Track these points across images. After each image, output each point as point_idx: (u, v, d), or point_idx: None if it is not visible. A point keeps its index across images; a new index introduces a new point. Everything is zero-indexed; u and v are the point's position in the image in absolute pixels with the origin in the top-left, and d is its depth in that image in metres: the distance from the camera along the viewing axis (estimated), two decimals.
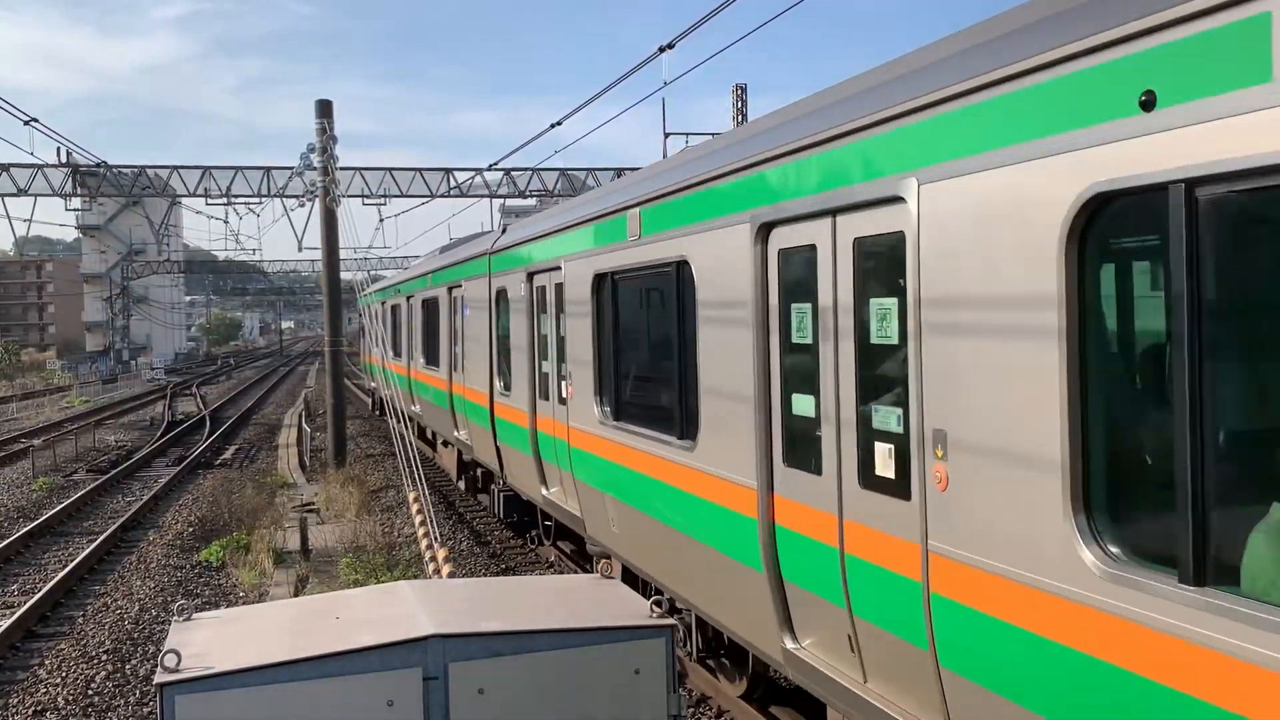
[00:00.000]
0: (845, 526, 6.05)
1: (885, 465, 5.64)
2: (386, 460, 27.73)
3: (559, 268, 11.65)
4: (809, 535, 6.43)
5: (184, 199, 53.27)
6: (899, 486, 5.50)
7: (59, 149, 45.14)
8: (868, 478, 5.81)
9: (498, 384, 15.14)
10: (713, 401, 7.64)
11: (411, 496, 17.87)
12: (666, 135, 29.84)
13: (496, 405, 15.14)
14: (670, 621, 5.04)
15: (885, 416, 5.63)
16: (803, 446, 6.49)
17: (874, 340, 5.74)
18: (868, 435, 5.81)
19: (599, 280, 10.18)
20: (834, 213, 6.02)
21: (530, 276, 13.08)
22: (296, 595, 14.04)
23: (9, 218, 54.42)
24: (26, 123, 28.17)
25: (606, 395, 10.20)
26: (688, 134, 30.37)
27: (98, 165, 45.11)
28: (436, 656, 4.59)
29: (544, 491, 13.00)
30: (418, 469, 17.50)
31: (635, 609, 5.22)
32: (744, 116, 30.17)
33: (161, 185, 50.39)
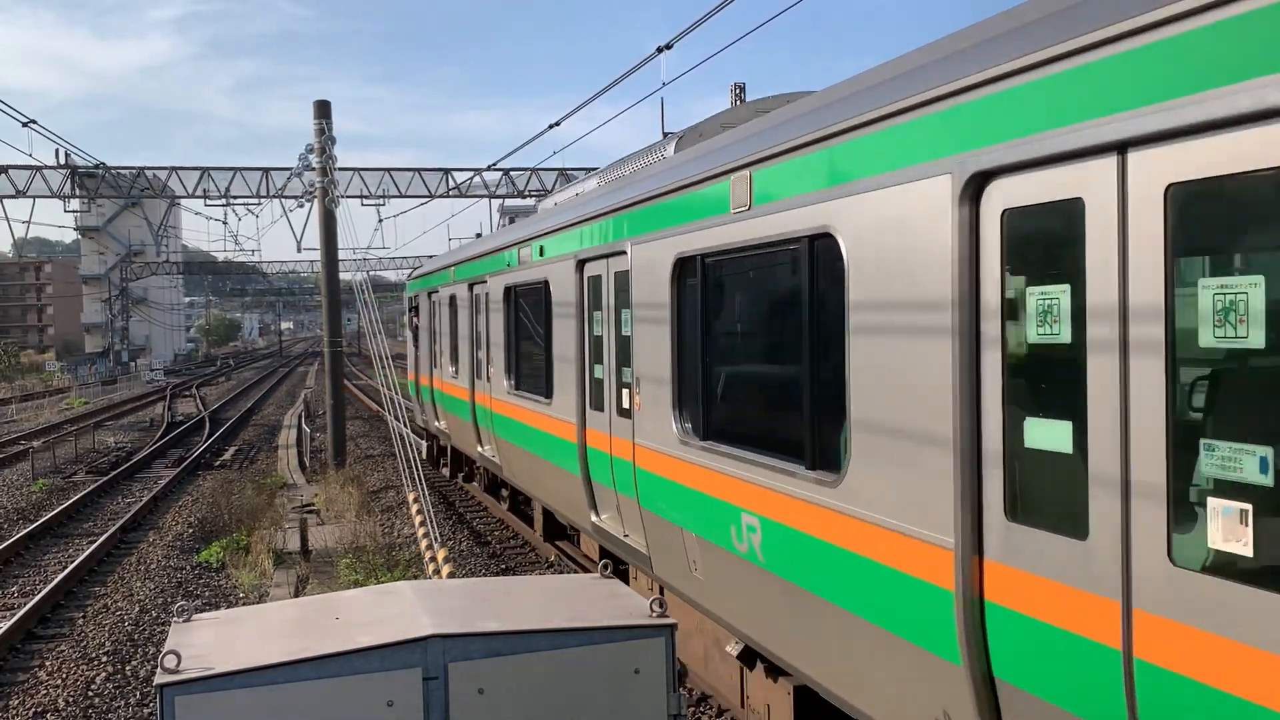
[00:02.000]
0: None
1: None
2: (386, 461, 27.74)
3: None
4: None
5: (183, 200, 53.30)
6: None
7: (57, 150, 45.18)
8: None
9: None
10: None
11: (411, 497, 17.87)
12: (665, 135, 29.77)
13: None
14: (670, 621, 5.03)
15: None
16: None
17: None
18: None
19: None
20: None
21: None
22: (296, 596, 14.05)
23: (8, 219, 54.49)
24: (25, 124, 28.17)
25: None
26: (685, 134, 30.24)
27: (96, 166, 45.11)
28: (436, 657, 4.59)
29: None
30: (418, 470, 17.52)
31: (635, 608, 5.22)
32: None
33: (160, 186, 50.40)
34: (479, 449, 17.13)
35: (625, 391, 9.74)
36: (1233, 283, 3.71)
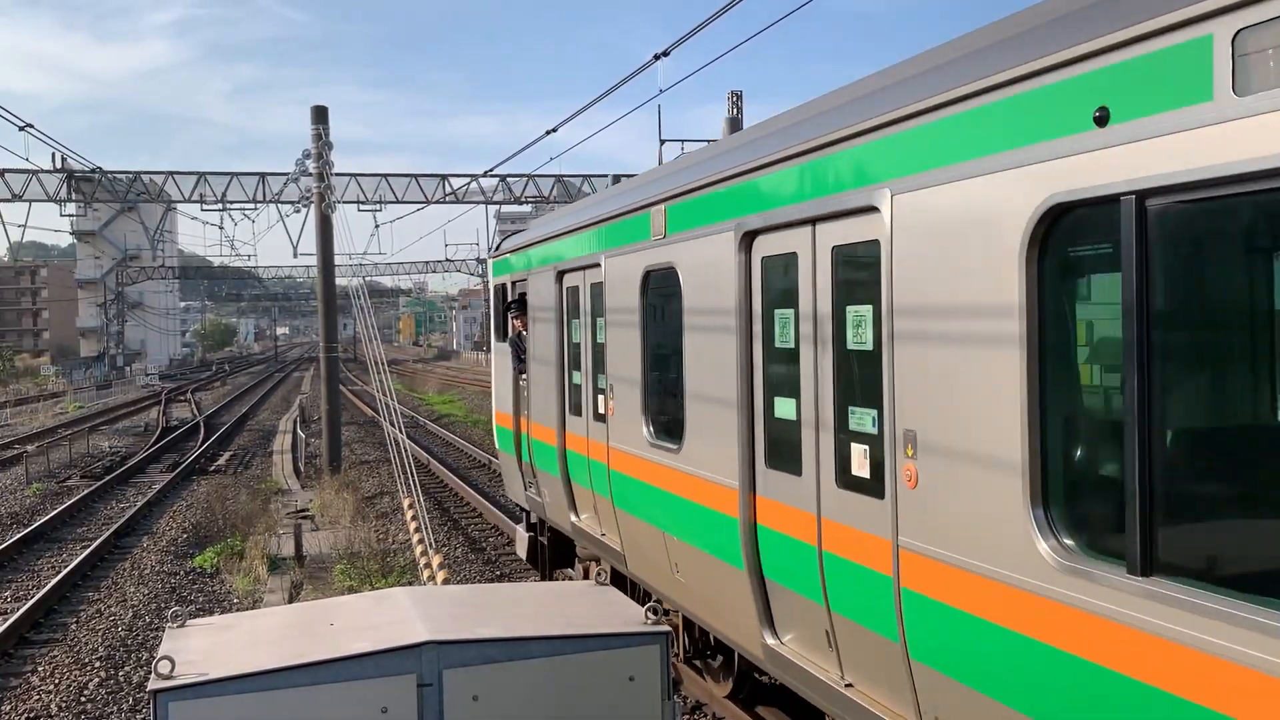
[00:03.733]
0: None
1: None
2: (381, 467, 27.71)
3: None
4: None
5: (179, 204, 53.27)
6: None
7: (54, 154, 45.14)
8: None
9: None
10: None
11: (406, 503, 17.86)
12: (662, 142, 29.89)
13: None
14: (665, 628, 5.04)
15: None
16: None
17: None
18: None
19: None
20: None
21: None
22: (291, 602, 14.03)
23: (3, 223, 54.40)
24: (21, 128, 28.13)
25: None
26: (683, 140, 30.47)
27: (93, 171, 45.07)
28: (431, 663, 4.59)
29: None
30: (413, 476, 17.50)
31: (629, 616, 5.22)
32: (740, 123, 30.23)
33: (156, 191, 50.40)
34: (756, 640, 7.29)
35: None
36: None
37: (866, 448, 5.83)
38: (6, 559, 17.79)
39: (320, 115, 27.97)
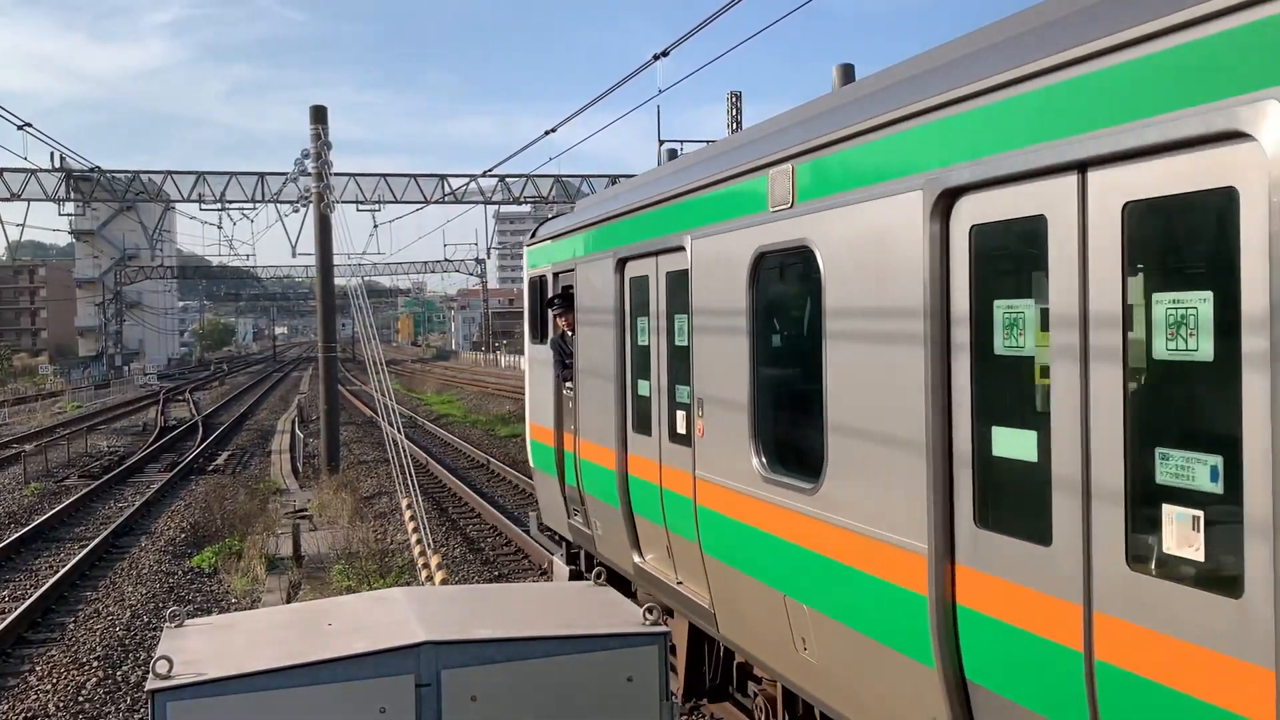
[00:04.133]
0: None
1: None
2: (380, 467, 27.71)
3: None
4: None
5: (178, 204, 53.28)
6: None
7: (53, 154, 45.17)
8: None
9: None
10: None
11: (405, 503, 17.85)
12: (661, 143, 29.92)
13: None
14: (663, 629, 5.03)
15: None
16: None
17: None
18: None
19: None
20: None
21: None
22: (289, 602, 14.02)
23: (2, 223, 54.42)
24: (20, 127, 28.10)
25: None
26: (682, 141, 30.52)
27: (91, 170, 45.07)
28: (429, 663, 4.58)
29: None
30: (411, 476, 17.49)
31: (628, 616, 5.22)
32: (738, 124, 30.25)
33: (155, 190, 50.41)
34: None
35: None
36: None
37: (1198, 514, 3.71)
38: (4, 558, 17.78)
39: (319, 115, 27.98)
